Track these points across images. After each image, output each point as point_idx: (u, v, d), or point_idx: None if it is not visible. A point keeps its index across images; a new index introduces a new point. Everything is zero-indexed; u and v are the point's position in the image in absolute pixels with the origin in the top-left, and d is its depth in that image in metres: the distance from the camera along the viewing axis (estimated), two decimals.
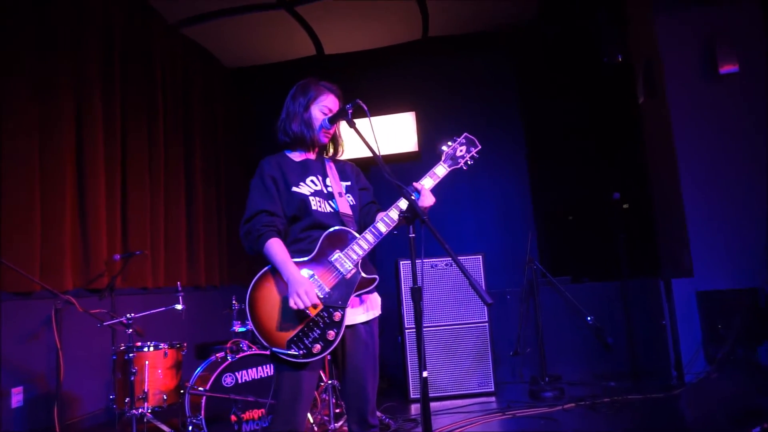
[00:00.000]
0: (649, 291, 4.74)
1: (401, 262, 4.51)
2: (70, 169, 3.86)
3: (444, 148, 2.18)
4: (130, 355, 3.24)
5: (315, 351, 1.92)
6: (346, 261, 1.99)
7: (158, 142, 4.89)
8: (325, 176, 2.16)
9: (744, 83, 4.32)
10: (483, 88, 6.40)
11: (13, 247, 3.32)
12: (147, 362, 3.29)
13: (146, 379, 3.27)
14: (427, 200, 2.04)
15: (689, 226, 4.33)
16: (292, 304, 1.90)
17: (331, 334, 1.94)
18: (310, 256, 2.00)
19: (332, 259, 1.99)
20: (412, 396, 4.34)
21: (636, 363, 4.78)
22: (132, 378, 3.20)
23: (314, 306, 1.93)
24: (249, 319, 1.97)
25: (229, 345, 3.45)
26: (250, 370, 3.34)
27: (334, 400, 3.50)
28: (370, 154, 2.01)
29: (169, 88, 5.17)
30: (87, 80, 4.07)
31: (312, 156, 2.21)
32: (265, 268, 2.02)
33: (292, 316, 1.94)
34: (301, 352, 1.91)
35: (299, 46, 5.99)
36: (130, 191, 4.50)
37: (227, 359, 3.30)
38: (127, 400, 3.23)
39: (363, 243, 2.00)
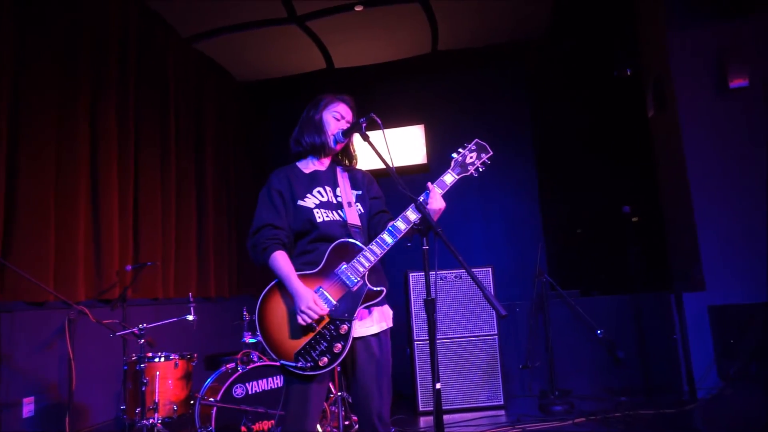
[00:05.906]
0: (660, 305, 4.71)
1: (411, 274, 4.51)
2: (84, 181, 3.90)
3: (454, 155, 2.15)
4: (141, 365, 3.25)
5: (322, 364, 1.93)
6: (352, 273, 1.99)
7: (170, 154, 4.94)
8: (335, 186, 2.17)
9: (754, 97, 4.32)
10: (492, 102, 6.43)
11: (28, 257, 3.36)
12: (158, 373, 3.31)
13: (157, 390, 3.28)
14: (436, 203, 2.01)
15: (701, 239, 4.31)
16: (300, 320, 1.93)
17: (337, 347, 1.94)
18: (317, 269, 2.01)
19: (338, 272, 2.00)
20: (420, 408, 4.32)
21: (648, 378, 4.73)
22: (143, 388, 3.21)
23: (321, 319, 1.95)
24: (258, 331, 1.99)
25: (239, 356, 3.46)
26: (260, 381, 3.34)
27: (343, 412, 3.50)
28: (382, 166, 2.02)
29: (182, 101, 5.24)
30: (102, 93, 4.13)
31: (323, 166, 2.23)
32: (274, 281, 2.04)
33: (299, 329, 1.96)
34: (308, 364, 1.93)
35: (310, 59, 6.06)
36: (142, 203, 4.54)
37: (238, 370, 3.31)
38: (137, 410, 3.24)
39: (369, 254, 2.00)
